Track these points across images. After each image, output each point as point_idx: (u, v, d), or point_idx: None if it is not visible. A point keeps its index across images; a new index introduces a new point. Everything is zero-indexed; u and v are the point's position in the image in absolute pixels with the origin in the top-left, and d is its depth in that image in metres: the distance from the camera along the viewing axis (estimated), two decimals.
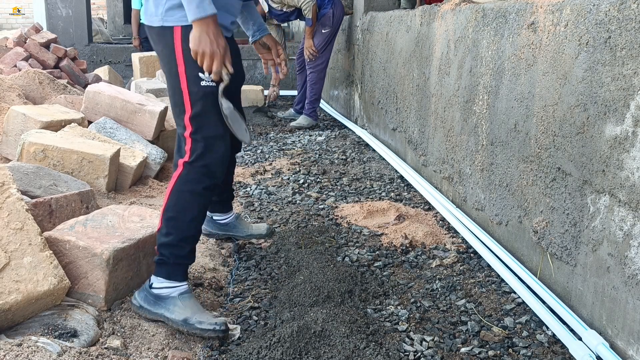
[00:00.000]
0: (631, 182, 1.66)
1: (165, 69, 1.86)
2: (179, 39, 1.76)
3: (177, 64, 1.78)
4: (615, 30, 1.72)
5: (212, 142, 1.83)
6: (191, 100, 1.79)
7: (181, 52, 1.77)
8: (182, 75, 1.78)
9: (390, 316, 2.06)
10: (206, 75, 1.76)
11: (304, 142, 4.89)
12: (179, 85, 1.80)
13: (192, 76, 1.78)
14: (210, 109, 1.82)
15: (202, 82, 1.78)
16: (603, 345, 1.74)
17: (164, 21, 1.78)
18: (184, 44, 1.75)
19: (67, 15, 8.09)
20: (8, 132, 3.21)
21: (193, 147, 1.83)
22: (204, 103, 1.80)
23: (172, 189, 1.86)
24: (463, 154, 2.93)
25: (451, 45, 3.06)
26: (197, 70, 1.77)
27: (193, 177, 1.84)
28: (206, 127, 1.82)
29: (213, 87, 1.80)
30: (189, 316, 1.83)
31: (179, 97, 1.82)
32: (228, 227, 2.58)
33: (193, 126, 1.81)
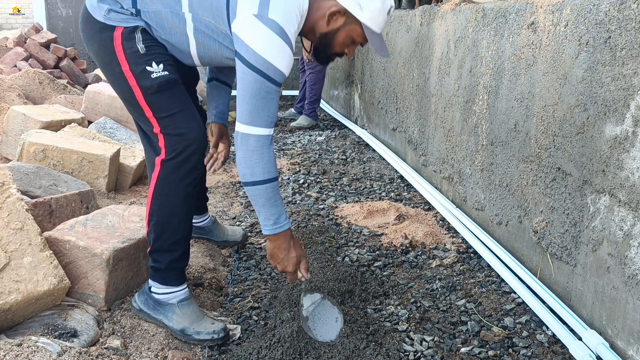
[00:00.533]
0: (631, 182, 1.66)
1: (106, 71, 1.74)
2: (119, 39, 1.67)
3: (119, 63, 1.67)
4: (615, 30, 1.72)
5: (186, 132, 1.71)
6: (147, 97, 1.69)
7: (122, 52, 1.67)
8: (128, 74, 1.67)
9: (390, 316, 2.06)
10: (154, 66, 1.67)
11: (304, 142, 4.89)
12: (126, 85, 1.69)
13: (139, 72, 1.67)
14: (171, 98, 1.71)
15: (153, 75, 1.67)
16: (603, 345, 1.74)
17: (107, 19, 1.68)
18: (125, 43, 1.66)
19: (67, 15, 8.10)
20: (8, 132, 3.21)
21: (167, 143, 1.71)
22: (163, 95, 1.70)
23: (154, 192, 1.75)
24: (463, 154, 2.93)
25: (451, 45, 3.06)
26: (143, 65, 1.67)
27: (175, 175, 1.72)
28: (174, 118, 1.71)
29: (165, 75, 1.69)
30: (187, 326, 1.81)
31: (131, 96, 1.71)
32: (204, 230, 2.50)
33: (160, 122, 1.71)
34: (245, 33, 1.60)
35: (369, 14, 1.71)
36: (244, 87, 1.62)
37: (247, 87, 1.61)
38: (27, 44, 5.10)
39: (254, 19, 1.58)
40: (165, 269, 1.82)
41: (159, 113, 1.71)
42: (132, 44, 1.67)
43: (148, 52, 1.69)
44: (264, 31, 1.58)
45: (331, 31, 1.75)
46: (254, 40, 1.58)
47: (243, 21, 1.60)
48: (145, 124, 1.76)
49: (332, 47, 1.79)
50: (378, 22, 1.74)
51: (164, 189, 1.74)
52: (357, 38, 1.78)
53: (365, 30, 1.74)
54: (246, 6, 1.60)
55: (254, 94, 1.61)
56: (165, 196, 1.75)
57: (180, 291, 1.87)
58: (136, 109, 1.74)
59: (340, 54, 1.83)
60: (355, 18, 1.72)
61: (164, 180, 1.73)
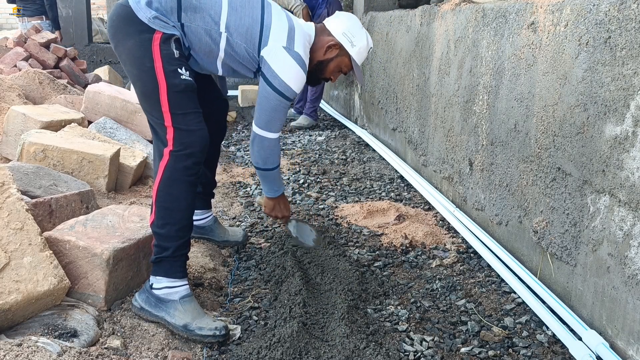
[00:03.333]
0: (631, 182, 1.66)
1: (134, 64, 1.92)
2: (158, 41, 1.88)
3: (152, 59, 1.87)
4: (615, 30, 1.72)
5: (194, 129, 1.89)
6: (171, 93, 1.87)
7: (159, 51, 1.87)
8: (159, 70, 1.86)
9: (390, 316, 2.06)
10: (183, 70, 1.90)
11: (304, 142, 4.89)
12: (154, 79, 1.87)
13: (170, 71, 1.87)
14: (190, 100, 1.91)
15: (182, 76, 1.89)
16: (603, 345, 1.74)
17: (150, 22, 1.89)
18: (162, 45, 1.88)
19: (67, 15, 8.09)
20: (8, 132, 3.20)
21: (176, 136, 1.87)
22: (184, 95, 1.89)
23: (162, 179, 1.87)
24: (463, 154, 2.93)
25: (451, 45, 3.06)
26: (175, 66, 1.89)
27: (182, 165, 1.86)
28: (187, 116, 1.88)
29: (191, 80, 1.92)
30: (189, 322, 1.83)
31: (153, 90, 1.88)
32: (204, 230, 2.53)
33: (174, 118, 1.87)
34: (275, 61, 2.04)
35: (357, 50, 2.26)
36: (266, 102, 2.09)
37: (268, 103, 2.09)
38: (27, 44, 5.10)
39: (283, 50, 2.04)
40: (171, 256, 1.87)
41: (176, 110, 1.88)
42: (168, 47, 1.90)
43: (180, 58, 1.92)
44: (290, 62, 2.05)
45: (326, 60, 2.25)
46: (281, 69, 2.04)
47: (274, 51, 2.04)
48: (157, 117, 1.90)
49: (323, 72, 2.29)
50: (362, 57, 2.30)
51: (171, 176, 1.87)
52: (344, 67, 2.30)
53: (352, 62, 2.28)
54: (277, 38, 2.05)
55: (273, 109, 2.10)
56: (172, 183, 1.87)
57: (182, 287, 1.89)
58: (154, 103, 1.90)
59: (327, 78, 2.33)
60: (346, 52, 2.25)
61: (171, 169, 1.87)
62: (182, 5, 1.95)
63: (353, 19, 2.30)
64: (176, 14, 1.94)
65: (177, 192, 1.87)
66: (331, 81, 2.35)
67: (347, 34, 2.23)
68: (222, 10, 2.00)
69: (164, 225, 1.87)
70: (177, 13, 1.94)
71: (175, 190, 1.87)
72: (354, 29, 2.25)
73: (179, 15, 1.94)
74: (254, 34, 2.04)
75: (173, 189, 1.87)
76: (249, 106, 6.42)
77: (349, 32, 2.24)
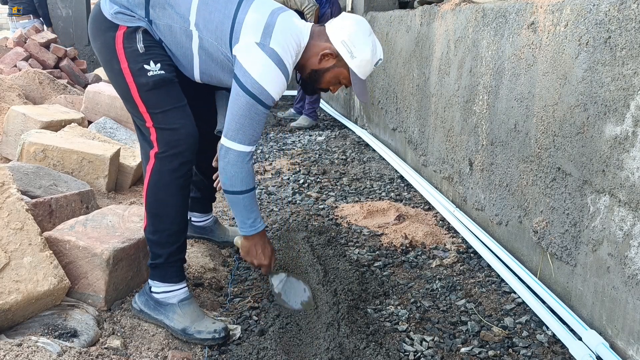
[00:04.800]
0: (631, 182, 1.66)
1: (107, 67, 1.84)
2: (121, 38, 1.77)
3: (118, 60, 1.76)
4: (615, 30, 1.72)
5: (177, 126, 1.78)
6: (142, 93, 1.77)
7: (122, 50, 1.76)
8: (126, 71, 1.76)
9: (390, 316, 2.06)
10: (152, 65, 1.76)
11: (304, 142, 4.89)
12: (124, 81, 1.78)
13: (136, 70, 1.76)
14: (166, 96, 1.80)
15: (149, 73, 1.76)
16: (603, 345, 1.74)
17: (113, 18, 1.77)
18: (125, 42, 1.76)
19: (67, 15, 8.09)
20: (8, 132, 3.21)
21: (159, 137, 1.78)
22: (158, 92, 1.78)
23: (149, 184, 1.80)
24: (463, 154, 2.93)
25: (451, 45, 3.06)
26: (141, 63, 1.76)
27: (168, 168, 1.77)
28: (167, 114, 1.78)
29: (161, 74, 1.78)
30: (188, 325, 1.82)
31: (127, 92, 1.79)
32: (205, 230, 2.51)
33: (153, 118, 1.78)
34: (246, 58, 1.76)
35: (358, 63, 1.91)
36: (236, 106, 1.79)
37: (238, 107, 1.79)
38: (27, 44, 5.10)
39: (256, 46, 1.76)
40: (165, 262, 1.84)
41: (153, 109, 1.78)
42: (132, 43, 1.76)
43: (147, 51, 1.78)
44: (263, 59, 1.76)
45: (321, 69, 1.94)
46: (252, 66, 1.76)
47: (245, 47, 1.77)
48: (139, 118, 1.83)
49: (319, 83, 1.99)
50: (365, 70, 1.94)
51: (158, 181, 1.80)
52: (343, 80, 1.97)
53: (351, 75, 1.94)
54: (249, 34, 1.78)
55: (243, 114, 1.79)
56: (160, 188, 1.80)
57: (180, 290, 1.87)
58: (131, 104, 1.82)
59: (325, 89, 2.03)
60: (344, 62, 1.91)
61: (158, 172, 1.79)
62: (150, 1, 1.79)
63: (360, 24, 1.92)
64: (143, 9, 1.78)
65: (166, 197, 1.79)
66: (331, 92, 2.06)
67: (346, 42, 1.88)
68: (192, 5, 1.80)
69: (155, 232, 1.82)
70: (145, 8, 1.78)
71: (164, 195, 1.79)
72: (356, 37, 1.89)
73: (146, 12, 1.78)
74: (224, 30, 1.80)
75: (162, 194, 1.79)
76: None
77: (349, 40, 1.88)
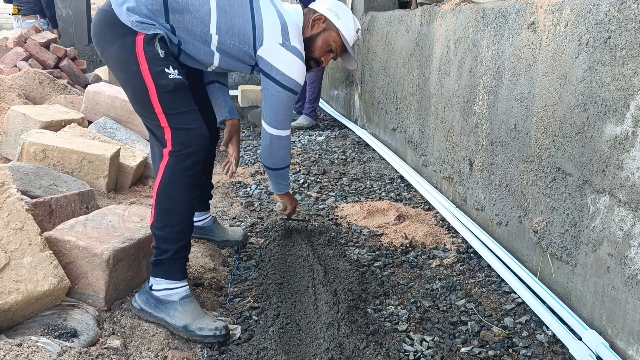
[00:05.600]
0: (631, 182, 1.66)
1: (121, 69, 1.90)
2: (141, 43, 1.84)
3: (138, 62, 1.84)
4: (615, 30, 1.72)
5: (192, 127, 1.86)
6: (161, 95, 1.84)
7: (143, 53, 1.84)
8: (146, 72, 1.83)
9: (390, 316, 2.06)
10: (171, 69, 1.86)
11: (304, 142, 4.88)
12: (142, 82, 1.84)
13: (157, 72, 1.84)
14: (182, 99, 1.88)
15: (170, 76, 1.85)
16: (603, 345, 1.74)
17: (133, 25, 1.85)
18: (146, 46, 1.85)
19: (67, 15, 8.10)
20: (8, 132, 3.21)
21: (174, 136, 1.85)
22: (175, 95, 1.86)
23: (162, 180, 1.85)
24: (463, 154, 2.93)
25: (451, 45, 3.06)
26: (162, 67, 1.85)
27: (182, 166, 1.84)
28: (182, 115, 1.86)
29: (180, 79, 1.88)
30: (189, 322, 1.83)
31: (144, 93, 1.85)
32: (204, 230, 2.52)
33: (169, 119, 1.85)
34: (276, 59, 2.06)
35: (344, 23, 2.25)
36: (278, 101, 2.12)
37: (281, 102, 2.12)
38: (27, 44, 5.10)
39: (281, 47, 2.06)
40: (171, 258, 1.86)
41: (169, 110, 1.86)
42: (152, 48, 1.86)
43: (166, 57, 1.88)
44: (290, 57, 2.07)
45: (313, 35, 2.22)
46: (284, 66, 2.07)
47: (272, 49, 2.05)
48: (152, 119, 1.89)
49: (312, 50, 2.23)
50: (350, 32, 2.27)
51: (171, 177, 1.85)
52: (333, 43, 2.25)
53: (340, 35, 2.25)
54: (271, 37, 2.05)
55: (287, 107, 2.15)
56: (172, 184, 1.85)
57: (182, 288, 1.88)
58: (146, 105, 1.88)
59: (317, 60, 2.27)
60: (333, 25, 2.24)
61: (172, 169, 1.85)
62: (169, 8, 1.91)
63: (338, 1, 2.32)
64: (164, 16, 1.90)
65: (177, 194, 1.85)
66: (323, 65, 2.30)
67: (332, 8, 2.25)
68: (211, 12, 1.97)
69: (163, 228, 1.85)
70: (165, 15, 1.91)
71: (175, 192, 1.85)
72: (338, 4, 2.28)
73: (166, 17, 1.91)
74: (247, 34, 2.03)
75: (173, 190, 1.85)
76: (249, 106, 6.42)
77: (333, 6, 2.26)
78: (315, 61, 2.28)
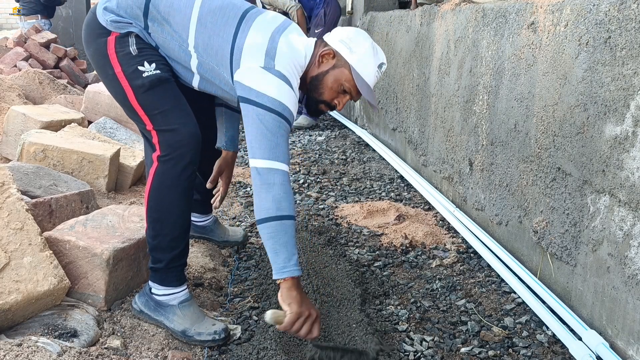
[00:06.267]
0: (631, 182, 1.66)
1: (101, 74, 1.83)
2: (113, 43, 1.75)
3: (112, 66, 1.75)
4: (615, 30, 1.72)
5: (178, 127, 1.74)
6: (138, 96, 1.74)
7: (115, 55, 1.75)
8: (120, 75, 1.74)
9: (390, 316, 2.06)
10: (147, 66, 1.73)
11: (304, 142, 4.89)
12: (119, 85, 1.76)
13: (130, 72, 1.73)
14: (163, 96, 1.76)
15: (144, 74, 1.73)
16: (603, 345, 1.74)
17: (106, 24, 1.76)
18: (117, 46, 1.75)
19: (67, 15, 8.10)
20: (8, 132, 3.21)
21: (161, 139, 1.74)
22: (154, 93, 1.75)
23: (151, 188, 1.77)
24: (463, 154, 2.93)
25: (451, 45, 3.06)
26: (135, 65, 1.73)
27: (172, 171, 1.74)
28: (166, 115, 1.74)
29: (157, 73, 1.75)
30: (188, 327, 1.81)
31: (123, 97, 1.77)
32: (205, 230, 2.50)
33: (152, 120, 1.75)
34: (255, 81, 1.66)
35: (358, 57, 1.77)
36: (262, 127, 1.65)
37: (265, 127, 1.65)
38: (27, 44, 5.10)
39: (261, 69, 1.67)
40: (165, 267, 1.82)
41: (151, 111, 1.75)
42: (124, 47, 1.74)
43: (140, 53, 1.75)
44: (273, 79, 1.66)
45: (320, 73, 1.80)
46: (266, 87, 1.65)
47: (249, 72, 1.67)
48: (139, 122, 1.81)
49: (320, 90, 1.82)
50: (367, 69, 1.78)
51: (161, 184, 1.76)
52: (346, 83, 1.79)
53: (353, 74, 1.78)
54: (251, 59, 1.69)
55: (274, 133, 1.65)
56: (162, 191, 1.76)
57: (181, 292, 1.86)
58: (129, 109, 1.80)
59: (330, 103, 1.84)
60: (344, 60, 1.78)
61: (161, 176, 1.75)
62: (149, 15, 1.76)
63: (358, 29, 1.87)
64: (142, 22, 1.77)
65: (167, 202, 1.76)
66: (337, 109, 1.87)
67: (345, 40, 1.80)
68: (190, 27, 1.75)
69: (155, 237, 1.79)
70: (144, 22, 1.77)
71: (166, 200, 1.76)
72: (354, 35, 1.82)
73: (145, 24, 1.77)
74: (224, 55, 1.74)
75: (163, 198, 1.76)
76: None
77: (347, 37, 1.81)
78: (327, 105, 1.85)
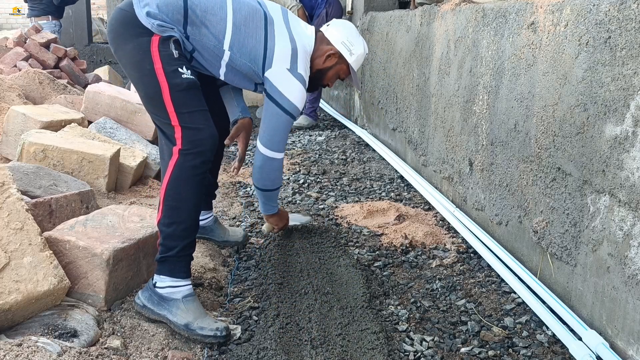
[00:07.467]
0: (631, 182, 1.66)
1: (135, 67, 1.95)
2: (156, 43, 1.91)
3: (152, 61, 1.89)
4: (615, 30, 1.72)
5: (202, 127, 1.90)
6: (173, 93, 1.88)
7: (157, 53, 1.90)
8: (160, 71, 1.89)
9: (390, 316, 2.06)
10: (184, 69, 1.92)
11: (304, 142, 4.89)
12: (155, 81, 1.89)
13: (170, 71, 1.89)
14: (194, 98, 1.93)
15: (183, 75, 1.90)
16: (603, 345, 1.74)
17: (152, 27, 1.92)
18: (161, 46, 1.91)
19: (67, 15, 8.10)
20: (8, 132, 3.21)
21: (185, 135, 1.88)
22: (188, 94, 1.91)
23: (170, 178, 1.88)
24: (463, 154, 2.93)
25: (451, 45, 3.06)
26: (175, 66, 1.91)
27: (191, 164, 1.87)
28: (193, 114, 1.90)
29: (193, 79, 1.93)
30: (191, 321, 1.84)
31: (156, 91, 1.90)
32: (205, 230, 2.53)
33: (180, 117, 1.89)
34: (282, 83, 2.13)
35: (355, 59, 2.35)
36: (277, 123, 2.17)
37: (279, 124, 2.18)
38: (27, 44, 5.09)
39: (288, 72, 2.14)
40: (176, 255, 1.87)
41: (181, 109, 1.90)
42: (166, 48, 1.92)
43: (179, 58, 1.95)
44: (294, 83, 2.14)
45: (324, 68, 2.32)
46: (287, 90, 2.13)
47: (279, 73, 2.13)
48: (163, 117, 1.92)
49: (322, 80, 2.37)
50: (359, 64, 2.40)
51: (180, 175, 1.87)
52: (342, 75, 2.38)
53: (350, 70, 2.36)
54: (280, 61, 2.13)
55: (284, 129, 2.20)
56: (181, 181, 1.88)
57: (185, 287, 1.89)
58: (158, 103, 1.91)
59: (325, 85, 2.42)
60: (345, 60, 2.33)
61: (180, 167, 1.87)
62: (189, 19, 1.99)
63: (350, 26, 2.39)
64: (182, 26, 1.98)
65: (185, 191, 1.88)
66: (328, 87, 2.44)
67: (346, 42, 2.32)
68: (227, 29, 2.04)
69: (170, 224, 1.87)
70: (183, 25, 1.98)
71: (183, 189, 1.88)
72: (352, 37, 2.34)
73: (184, 28, 1.98)
74: (257, 55, 2.10)
75: (181, 187, 1.88)
76: (250, 106, 6.41)
77: (347, 40, 2.32)
78: (324, 86, 2.43)
